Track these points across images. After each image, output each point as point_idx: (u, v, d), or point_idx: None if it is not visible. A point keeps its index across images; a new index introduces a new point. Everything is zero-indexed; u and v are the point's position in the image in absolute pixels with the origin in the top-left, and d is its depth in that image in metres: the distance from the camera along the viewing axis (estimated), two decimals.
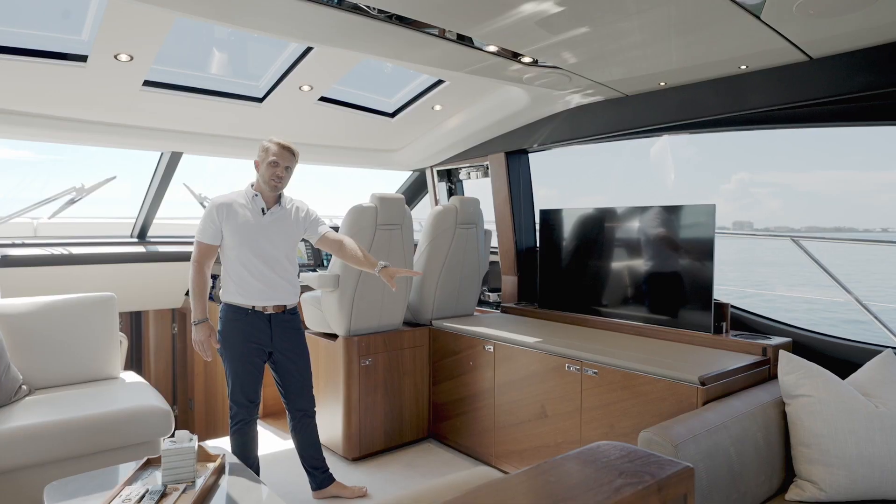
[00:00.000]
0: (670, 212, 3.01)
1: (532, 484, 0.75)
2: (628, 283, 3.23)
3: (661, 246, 3.07)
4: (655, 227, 3.10)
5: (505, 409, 3.10)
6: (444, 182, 4.73)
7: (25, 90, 2.88)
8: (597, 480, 0.76)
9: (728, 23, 2.19)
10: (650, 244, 3.12)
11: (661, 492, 0.75)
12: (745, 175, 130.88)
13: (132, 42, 2.59)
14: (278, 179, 2.61)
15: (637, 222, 3.18)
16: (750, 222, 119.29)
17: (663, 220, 3.05)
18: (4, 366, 2.75)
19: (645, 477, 0.76)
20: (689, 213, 2.93)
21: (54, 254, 3.80)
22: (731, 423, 2.06)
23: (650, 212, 3.11)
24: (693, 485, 0.80)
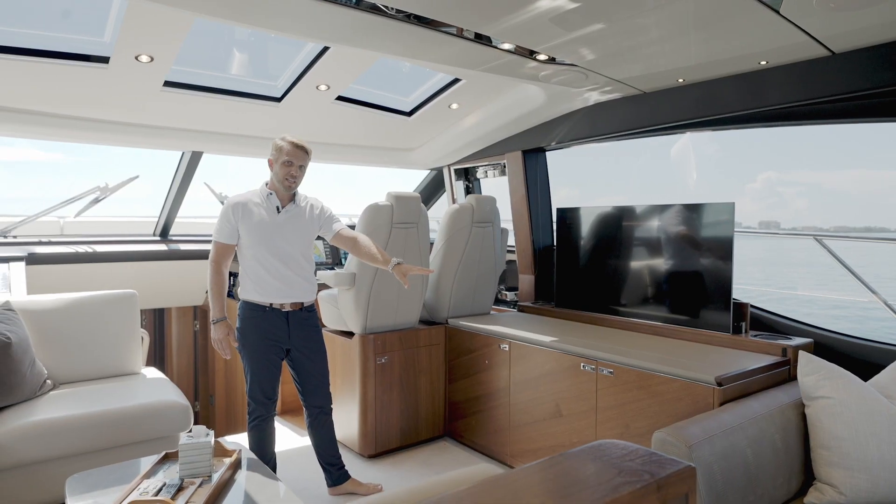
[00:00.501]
0: (689, 210, 2.97)
1: (531, 480, 0.75)
2: (646, 282, 3.20)
3: (679, 245, 3.03)
4: (674, 225, 3.06)
5: (520, 408, 3.09)
6: (461, 181, 4.73)
7: (50, 92, 2.95)
8: (596, 478, 0.76)
9: (746, 17, 2.15)
10: (669, 243, 3.09)
11: (661, 490, 0.75)
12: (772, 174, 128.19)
13: (152, 43, 2.64)
14: (293, 179, 2.63)
15: (655, 221, 3.15)
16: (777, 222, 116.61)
17: (682, 218, 3.01)
18: (30, 360, 2.83)
19: (644, 476, 0.75)
20: (708, 212, 2.89)
21: (79, 252, 3.88)
22: (748, 425, 2.03)
23: (669, 210, 3.07)
24: (695, 484, 0.79)
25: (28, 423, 2.54)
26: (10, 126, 3.10)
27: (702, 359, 2.51)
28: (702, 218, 2.92)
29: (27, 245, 3.79)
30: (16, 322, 2.86)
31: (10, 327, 2.80)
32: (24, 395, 2.76)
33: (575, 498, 0.69)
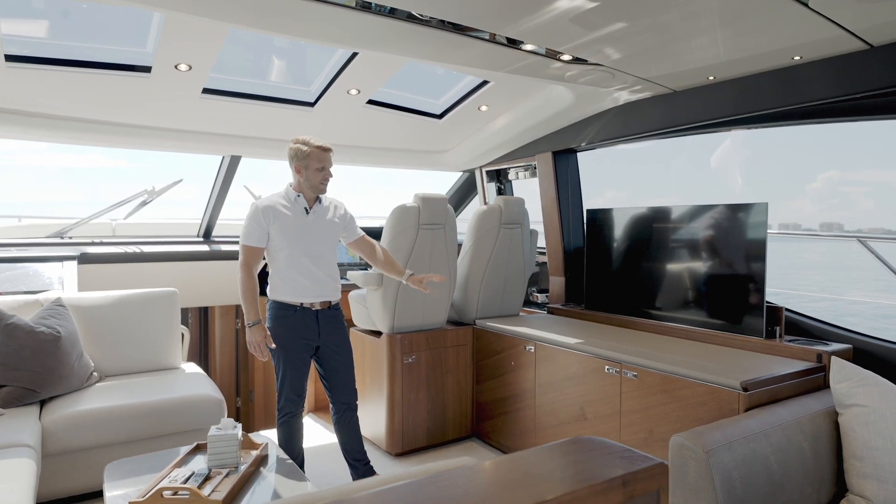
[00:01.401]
0: (720, 211, 2.89)
1: (495, 472, 0.77)
2: (677, 284, 3.13)
3: (710, 246, 2.95)
4: (705, 227, 2.98)
5: (545, 410, 3.07)
6: (493, 182, 4.73)
7: (97, 100, 3.12)
8: (561, 471, 0.77)
9: (774, 12, 2.08)
10: (700, 244, 3.01)
11: (627, 486, 0.75)
12: (835, 173, 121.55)
13: (190, 52, 2.76)
14: (326, 182, 2.72)
15: (686, 222, 3.08)
16: (840, 223, 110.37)
17: (713, 219, 2.93)
18: (78, 353, 3.00)
19: (611, 470, 0.76)
20: (740, 213, 2.81)
21: (127, 252, 4.09)
22: (773, 432, 1.96)
23: (699, 211, 3.00)
24: (667, 482, 0.78)
25: (74, 412, 2.70)
26: (63, 133, 3.30)
27: (729, 363, 2.44)
28: (734, 219, 2.84)
29: (80, 245, 4.01)
30: (66, 317, 3.05)
31: (61, 322, 2.99)
32: (72, 385, 2.93)
33: (533, 490, 0.70)
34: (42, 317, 2.96)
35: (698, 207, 3.02)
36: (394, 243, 3.24)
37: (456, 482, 0.74)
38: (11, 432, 2.41)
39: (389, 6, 2.19)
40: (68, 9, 2.77)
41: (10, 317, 2.83)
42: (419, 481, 0.75)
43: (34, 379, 2.79)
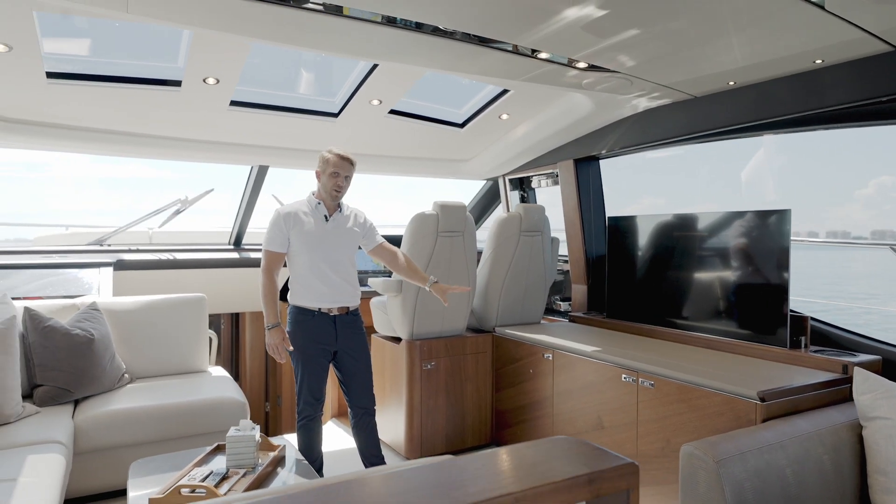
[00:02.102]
0: (743, 218, 2.84)
1: (461, 467, 0.79)
2: (698, 292, 3.07)
3: (733, 254, 2.90)
4: (728, 234, 2.93)
5: (564, 419, 3.05)
6: (516, 191, 4.74)
7: (132, 113, 3.27)
8: (529, 468, 0.78)
9: (789, 16, 2.06)
10: (723, 252, 2.96)
11: (593, 484, 0.76)
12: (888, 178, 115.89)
13: (217, 66, 2.87)
14: (339, 189, 2.78)
15: (708, 229, 3.03)
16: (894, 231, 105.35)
17: (736, 227, 2.88)
18: (110, 355, 3.13)
19: (577, 468, 0.77)
20: (762, 220, 2.75)
21: (161, 259, 4.25)
22: (791, 443, 1.91)
23: (722, 218, 2.95)
24: (637, 482, 0.79)
25: (105, 411, 2.82)
26: (100, 146, 3.46)
27: (748, 372, 2.39)
28: (757, 226, 2.78)
29: (118, 252, 4.18)
30: (100, 320, 3.18)
31: (95, 325, 3.12)
32: (104, 386, 3.06)
33: (498, 483, 0.72)
34: (77, 320, 3.10)
35: (720, 214, 2.97)
36: (413, 251, 3.28)
37: (423, 473, 0.76)
38: (45, 429, 2.53)
39: (415, 20, 2.26)
40: (105, 27, 2.92)
41: (47, 319, 2.98)
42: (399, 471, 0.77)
43: (68, 379, 2.92)
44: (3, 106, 3.03)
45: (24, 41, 2.48)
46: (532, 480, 0.74)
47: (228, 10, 2.16)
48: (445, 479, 0.76)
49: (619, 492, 0.79)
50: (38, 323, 2.94)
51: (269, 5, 2.13)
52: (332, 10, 2.20)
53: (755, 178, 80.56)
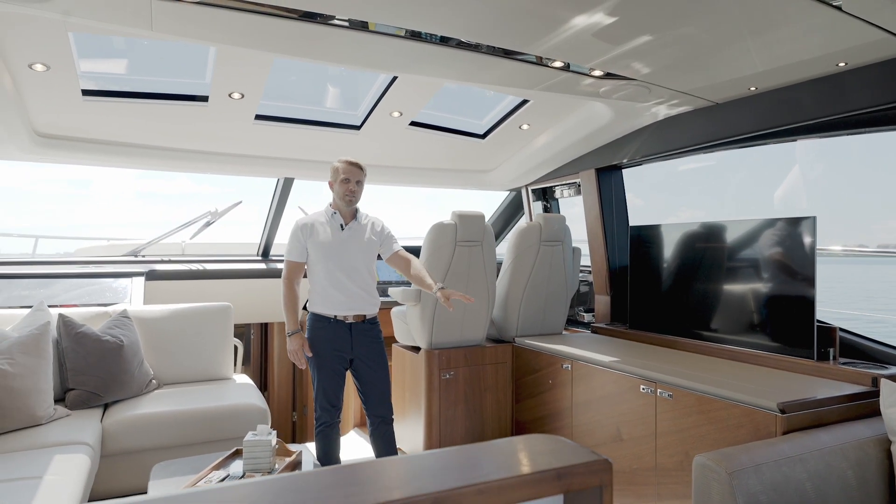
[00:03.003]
0: (767, 226, 2.77)
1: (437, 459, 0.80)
2: (722, 302, 3.00)
3: (756, 262, 2.83)
4: (751, 242, 2.86)
5: (582, 430, 3.00)
6: (539, 201, 4.72)
7: (162, 128, 3.40)
8: (498, 462, 0.79)
9: (805, 18, 2.02)
10: (745, 261, 2.89)
11: (562, 479, 0.75)
12: None
13: (241, 81, 2.97)
14: (351, 194, 2.83)
15: (731, 238, 2.96)
16: None
17: (759, 234, 2.81)
18: (139, 361, 3.23)
19: (546, 462, 0.77)
20: (787, 227, 2.68)
21: (191, 269, 4.37)
22: (811, 457, 1.85)
23: (745, 226, 2.89)
24: (610, 479, 0.78)
25: (132, 415, 2.91)
26: (131, 160, 3.61)
27: (769, 384, 2.32)
28: (781, 234, 2.71)
29: (150, 263, 4.33)
30: (129, 328, 3.29)
31: (125, 332, 3.23)
32: (132, 391, 3.16)
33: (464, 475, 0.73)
34: (108, 327, 3.21)
35: (744, 222, 2.90)
36: (431, 260, 3.31)
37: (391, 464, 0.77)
38: (74, 431, 2.63)
39: (438, 34, 2.30)
40: (137, 46, 3.06)
41: (80, 326, 3.10)
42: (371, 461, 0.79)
43: (98, 384, 3.02)
44: (43, 122, 3.20)
45: (60, 61, 2.62)
46: (499, 473, 0.74)
47: (252, 27, 2.23)
48: (412, 470, 0.76)
49: (591, 488, 0.79)
50: (71, 329, 3.06)
51: (294, 21, 2.19)
52: (357, 26, 2.26)
53: (791, 195, 77.66)
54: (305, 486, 0.70)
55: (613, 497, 0.77)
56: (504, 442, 0.87)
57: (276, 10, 2.11)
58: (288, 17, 2.18)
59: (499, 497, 0.72)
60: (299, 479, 0.72)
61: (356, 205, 2.91)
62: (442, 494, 0.69)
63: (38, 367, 2.75)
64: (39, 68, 2.65)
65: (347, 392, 3.46)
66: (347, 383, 3.04)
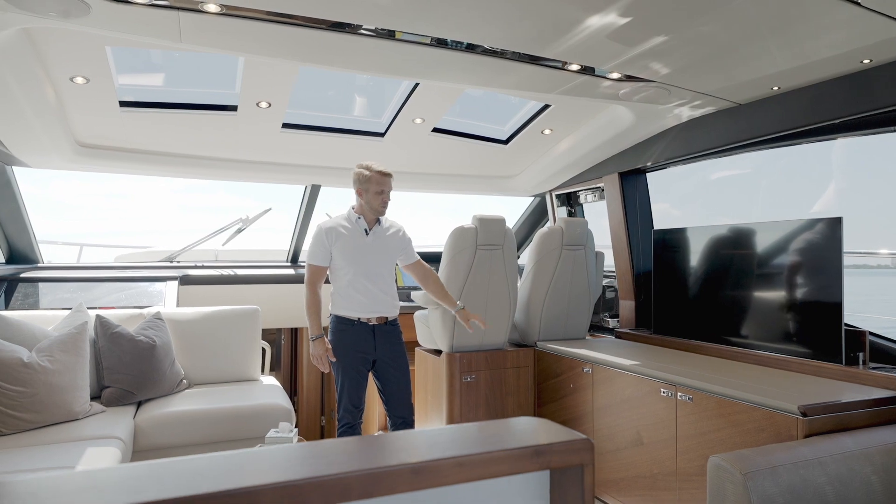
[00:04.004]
0: (792, 227, 2.71)
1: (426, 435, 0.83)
2: (745, 306, 2.94)
3: (782, 265, 2.77)
4: (776, 244, 2.81)
5: (603, 434, 2.97)
6: (564, 206, 4.71)
7: (194, 137, 3.54)
8: (481, 439, 0.81)
9: (825, 16, 1.99)
10: (771, 263, 2.83)
11: (540, 456, 0.77)
12: None
13: (268, 90, 3.08)
14: (385, 205, 2.90)
15: (756, 240, 2.91)
16: None
17: (785, 236, 2.76)
18: (170, 361, 3.35)
19: (526, 440, 0.79)
20: (813, 228, 2.62)
21: (223, 274, 4.51)
22: (833, 461, 1.80)
23: (770, 228, 2.83)
24: (591, 458, 0.80)
25: (163, 413, 3.01)
26: (165, 168, 3.76)
27: (792, 387, 2.27)
28: (804, 236, 2.65)
29: (185, 268, 4.48)
30: (162, 329, 3.42)
31: (157, 333, 3.36)
32: (164, 390, 3.27)
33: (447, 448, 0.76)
34: (142, 328, 3.34)
35: (770, 224, 2.85)
36: (452, 264, 3.34)
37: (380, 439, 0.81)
38: (108, 426, 2.74)
39: (466, 41, 2.36)
40: (170, 58, 3.20)
41: (115, 326, 3.23)
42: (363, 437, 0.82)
43: (132, 382, 3.14)
44: (83, 133, 3.37)
45: (99, 73, 2.76)
46: (477, 448, 0.76)
47: (278, 38, 2.31)
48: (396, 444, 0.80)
49: (572, 466, 0.80)
50: (107, 329, 3.20)
51: (321, 31, 2.27)
52: (384, 35, 2.32)
53: (835, 198, 74.21)
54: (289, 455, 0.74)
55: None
56: (492, 422, 0.89)
57: (305, 20, 2.18)
58: (316, 28, 2.25)
59: (476, 470, 0.74)
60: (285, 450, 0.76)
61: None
62: (420, 465, 0.72)
63: (76, 364, 2.88)
64: (80, 81, 2.80)
65: (372, 396, 3.51)
66: (370, 386, 3.08)
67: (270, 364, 4.32)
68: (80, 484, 0.66)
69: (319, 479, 0.66)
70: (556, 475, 0.82)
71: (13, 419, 2.62)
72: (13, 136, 3.05)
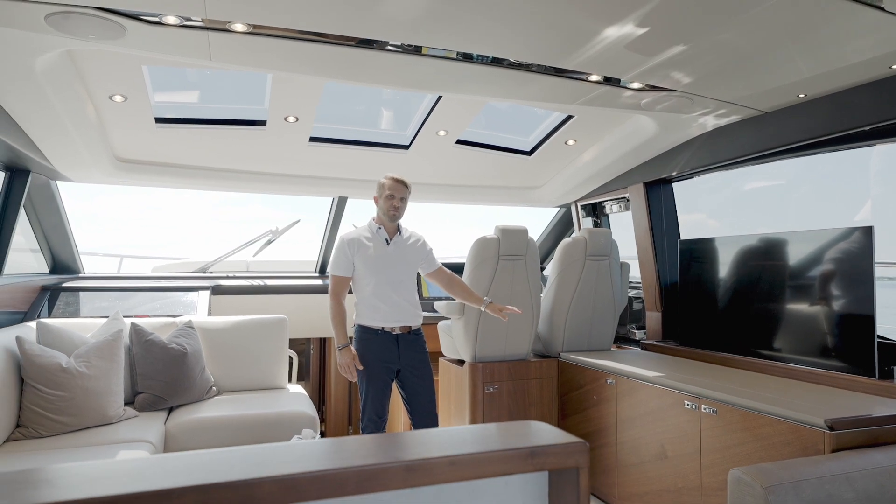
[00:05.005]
0: (822, 237, 2.65)
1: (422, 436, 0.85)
2: (774, 317, 2.88)
3: (811, 275, 2.70)
4: (806, 254, 2.75)
5: (627, 448, 2.93)
6: (589, 217, 4.69)
7: (225, 151, 3.66)
8: (477, 440, 0.83)
9: (848, 21, 1.96)
10: (800, 273, 2.77)
11: (535, 458, 0.78)
12: None
13: (295, 105, 3.17)
14: (395, 210, 2.94)
15: (783, 250, 2.85)
16: None
17: (814, 246, 2.69)
18: (201, 368, 3.44)
19: (522, 441, 0.80)
20: (841, 239, 2.55)
21: (253, 285, 4.62)
22: (861, 477, 1.75)
23: (797, 238, 2.77)
24: (587, 461, 0.81)
25: (192, 418, 3.10)
26: (198, 181, 3.90)
27: (819, 399, 2.20)
28: (836, 245, 2.59)
29: (217, 279, 4.61)
30: (193, 337, 3.52)
31: (189, 340, 3.46)
32: (194, 396, 3.36)
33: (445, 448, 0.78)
34: (174, 336, 3.45)
35: (799, 233, 2.79)
36: (474, 274, 3.36)
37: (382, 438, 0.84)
38: (139, 431, 2.84)
39: (491, 55, 2.40)
40: (202, 76, 3.33)
41: (149, 334, 3.35)
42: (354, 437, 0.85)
43: (164, 388, 3.24)
44: (121, 148, 3.52)
45: (136, 91, 2.90)
46: (471, 448, 0.78)
47: (305, 54, 2.39)
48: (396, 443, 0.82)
49: (567, 469, 0.82)
50: (141, 336, 3.31)
51: (348, 48, 2.33)
52: (410, 50, 2.38)
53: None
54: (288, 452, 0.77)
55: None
56: (490, 425, 0.91)
57: (332, 38, 2.25)
58: (343, 45, 2.31)
59: (470, 469, 0.76)
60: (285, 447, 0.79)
61: (399, 220, 3.01)
62: (414, 463, 0.74)
63: (111, 370, 2.99)
64: (118, 99, 2.94)
65: (397, 405, 3.53)
66: (395, 395, 3.12)
67: (298, 373, 4.39)
68: (104, 472, 0.70)
69: (314, 474, 0.69)
70: (554, 477, 0.83)
71: (51, 422, 2.74)
72: (57, 152, 3.21)
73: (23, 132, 2.84)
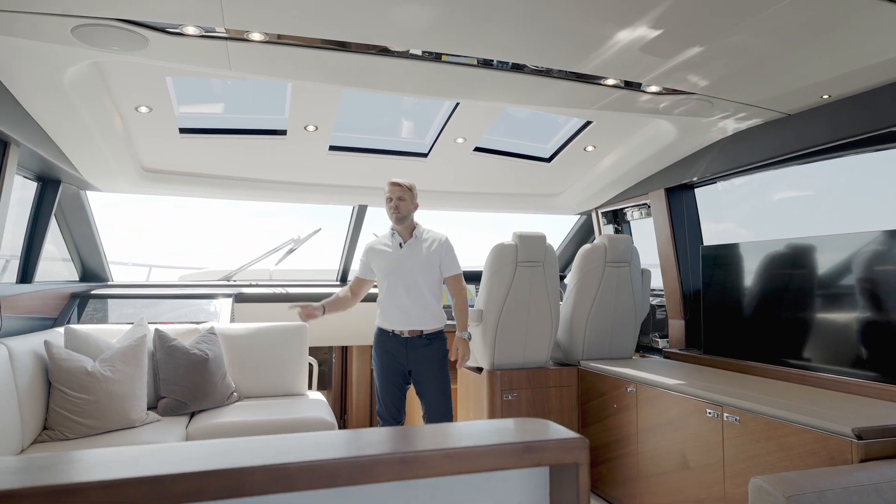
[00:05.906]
0: (853, 241, 2.57)
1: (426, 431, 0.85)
2: (805, 324, 2.80)
3: (846, 280, 2.63)
4: (839, 259, 2.67)
5: (648, 457, 2.87)
6: (610, 224, 4.64)
7: (247, 161, 3.73)
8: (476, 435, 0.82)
9: (869, 19, 1.92)
10: (833, 279, 2.69)
11: (532, 453, 0.77)
12: None
13: (314, 114, 3.22)
14: (395, 210, 3.00)
15: (813, 255, 2.78)
16: None
17: (850, 250, 2.62)
18: (222, 374, 3.49)
19: (519, 437, 0.79)
20: (876, 242, 2.47)
21: (275, 293, 4.68)
22: (892, 488, 1.68)
23: (823, 243, 2.70)
24: (586, 457, 0.79)
25: (212, 423, 3.13)
26: (220, 190, 3.98)
27: (849, 409, 2.13)
28: (870, 249, 2.51)
29: (240, 287, 4.68)
30: (215, 343, 3.57)
31: (210, 347, 3.51)
32: (215, 402, 3.40)
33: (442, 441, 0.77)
34: (197, 342, 3.50)
35: (831, 237, 2.71)
36: (492, 281, 3.34)
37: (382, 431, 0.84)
38: (161, 434, 2.88)
39: (510, 61, 2.42)
40: (224, 86, 3.41)
41: (172, 340, 3.41)
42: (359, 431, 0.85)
43: (186, 393, 3.29)
44: (147, 158, 3.61)
45: (161, 102, 2.98)
46: (467, 442, 0.78)
47: (323, 63, 2.43)
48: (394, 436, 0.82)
49: (565, 465, 0.80)
50: (164, 342, 3.37)
51: (368, 56, 2.36)
52: (430, 58, 2.40)
53: None
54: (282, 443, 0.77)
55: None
56: (491, 421, 0.90)
57: (350, 46, 2.28)
58: (361, 52, 2.34)
59: (465, 463, 0.75)
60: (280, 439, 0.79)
61: (406, 221, 3.03)
62: (409, 455, 0.74)
63: (135, 375, 3.05)
64: (144, 110, 3.02)
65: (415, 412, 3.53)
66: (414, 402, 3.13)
67: (320, 382, 4.41)
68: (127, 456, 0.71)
69: (305, 464, 0.69)
70: (555, 472, 0.82)
71: (76, 424, 2.80)
72: (86, 162, 3.31)
73: (53, 143, 2.94)
